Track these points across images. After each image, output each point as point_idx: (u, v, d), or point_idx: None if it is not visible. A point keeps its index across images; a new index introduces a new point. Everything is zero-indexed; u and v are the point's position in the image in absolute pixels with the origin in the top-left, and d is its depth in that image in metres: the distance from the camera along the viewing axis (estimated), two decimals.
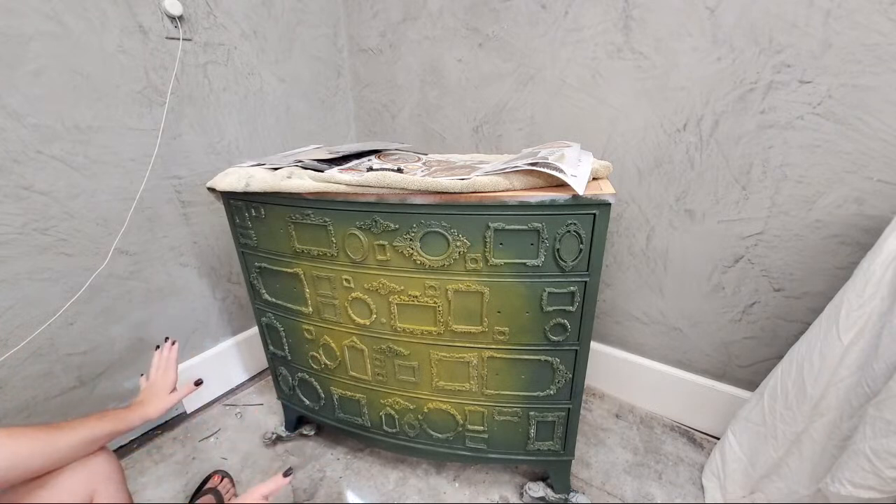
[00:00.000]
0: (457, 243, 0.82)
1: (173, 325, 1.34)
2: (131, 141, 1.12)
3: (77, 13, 0.98)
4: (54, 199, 1.02)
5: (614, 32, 1.09)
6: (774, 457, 0.95)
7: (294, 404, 1.23)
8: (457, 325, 0.90)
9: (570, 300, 0.83)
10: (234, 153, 1.36)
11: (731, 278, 1.13)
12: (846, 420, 0.82)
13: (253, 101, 1.38)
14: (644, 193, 1.19)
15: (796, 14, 0.88)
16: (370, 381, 1.04)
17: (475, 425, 1.02)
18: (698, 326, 1.23)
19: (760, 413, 0.99)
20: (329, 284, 0.95)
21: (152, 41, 1.11)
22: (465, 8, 1.30)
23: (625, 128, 1.16)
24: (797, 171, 0.97)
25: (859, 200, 0.93)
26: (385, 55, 1.54)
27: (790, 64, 0.91)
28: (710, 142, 1.05)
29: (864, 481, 0.72)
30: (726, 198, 1.07)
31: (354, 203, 0.84)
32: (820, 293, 1.02)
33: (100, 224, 1.11)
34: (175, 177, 1.23)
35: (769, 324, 1.12)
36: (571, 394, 0.94)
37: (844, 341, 0.81)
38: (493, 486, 1.14)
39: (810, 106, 0.92)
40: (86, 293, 1.10)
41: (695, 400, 1.29)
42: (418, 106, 1.54)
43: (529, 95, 1.28)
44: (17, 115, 0.94)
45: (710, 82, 1.01)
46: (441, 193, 0.77)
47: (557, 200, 0.75)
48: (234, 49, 1.29)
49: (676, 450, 1.24)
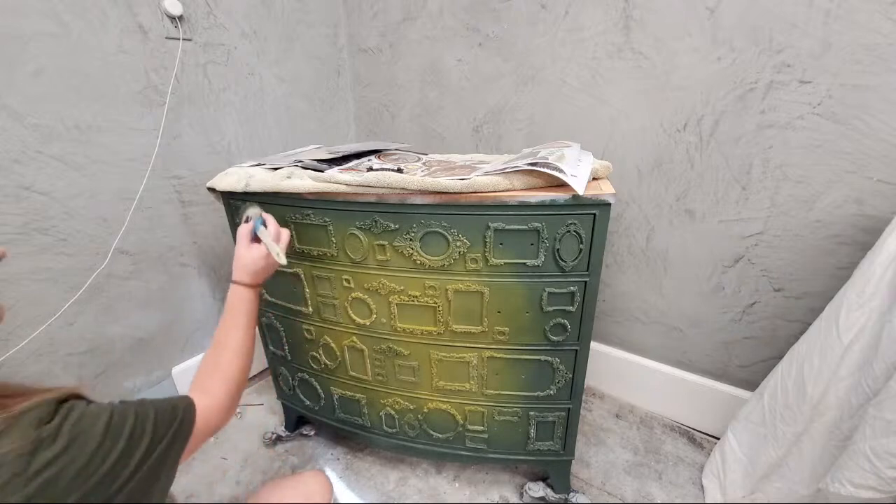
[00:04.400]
0: (457, 243, 0.82)
1: (173, 325, 1.34)
2: (131, 141, 1.12)
3: (77, 13, 0.98)
4: (54, 199, 1.02)
5: (614, 32, 1.09)
6: (774, 457, 0.95)
7: (294, 404, 1.23)
8: (457, 325, 0.90)
9: (570, 300, 0.83)
10: (234, 153, 1.36)
11: (732, 278, 1.13)
12: (846, 420, 0.82)
13: (253, 101, 1.38)
14: (644, 193, 1.19)
15: (796, 14, 0.88)
16: (370, 381, 1.04)
17: (475, 425, 1.02)
18: (698, 326, 1.23)
19: (760, 413, 0.99)
20: (329, 284, 0.95)
21: (152, 41, 1.11)
22: (465, 8, 1.30)
23: (625, 128, 1.16)
24: (797, 171, 0.97)
25: (859, 200, 0.93)
26: (385, 55, 1.54)
27: (790, 64, 0.91)
28: (710, 142, 1.05)
29: (864, 481, 0.72)
30: (726, 198, 1.07)
31: (354, 203, 0.84)
32: (820, 293, 1.02)
33: (100, 224, 1.11)
34: (175, 177, 1.23)
35: (769, 324, 1.12)
36: (571, 394, 0.94)
37: (844, 341, 0.81)
38: (493, 486, 1.14)
39: (810, 106, 0.92)
40: (86, 293, 1.10)
41: (695, 400, 1.29)
42: (418, 106, 1.54)
43: (529, 95, 1.28)
44: (18, 115, 0.94)
45: (710, 82, 1.01)
46: (441, 193, 0.77)
47: (557, 200, 0.75)
48: (233, 49, 1.29)
49: (676, 450, 1.24)
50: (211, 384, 0.64)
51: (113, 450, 0.43)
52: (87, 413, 0.43)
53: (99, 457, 0.41)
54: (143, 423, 0.47)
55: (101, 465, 0.41)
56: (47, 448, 0.38)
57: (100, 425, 0.43)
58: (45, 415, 0.40)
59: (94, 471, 0.41)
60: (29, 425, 0.38)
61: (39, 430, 0.39)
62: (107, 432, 0.43)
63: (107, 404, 0.46)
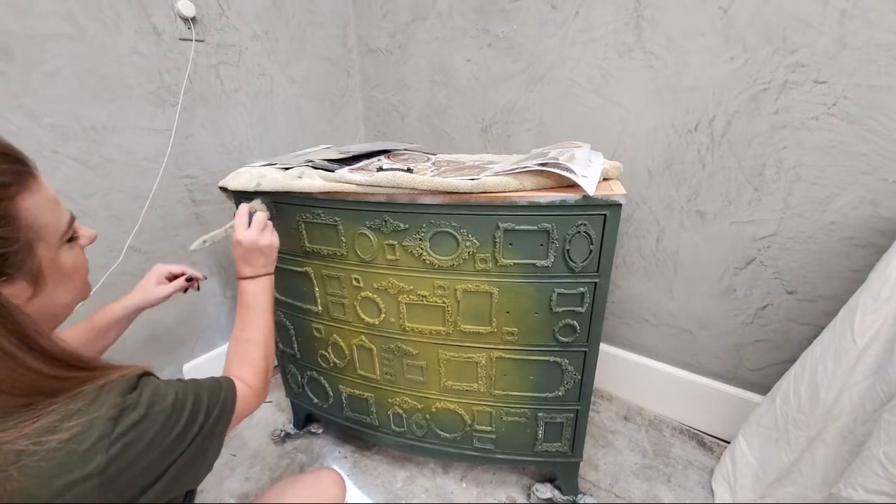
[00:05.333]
0: (466, 243, 0.82)
1: (185, 323, 1.35)
2: (145, 141, 1.14)
3: (92, 15, 1.00)
4: (69, 198, 1.04)
5: (625, 32, 1.08)
6: (786, 461, 0.93)
7: (303, 402, 1.24)
8: (465, 325, 0.90)
9: (579, 301, 0.83)
10: (246, 153, 1.38)
11: (743, 280, 1.12)
12: (860, 425, 0.81)
13: (264, 102, 1.39)
14: (655, 194, 1.18)
15: (811, 13, 0.87)
16: (378, 380, 1.05)
17: (483, 425, 1.02)
18: (709, 329, 1.22)
19: (772, 417, 0.98)
20: (338, 283, 0.96)
21: (166, 42, 1.12)
22: (475, 8, 1.30)
23: (635, 128, 1.15)
24: (811, 173, 0.96)
25: (875, 202, 0.91)
26: (394, 56, 1.55)
27: (804, 64, 0.90)
28: (722, 142, 1.04)
29: (877, 487, 0.71)
30: (738, 199, 1.06)
31: (364, 203, 0.84)
32: (834, 296, 1.00)
33: (114, 223, 1.12)
34: (187, 176, 1.25)
35: (781, 327, 1.11)
36: (580, 395, 0.93)
37: (859, 345, 0.80)
38: (500, 487, 1.14)
39: (825, 106, 0.91)
40: (99, 291, 1.11)
41: (704, 403, 1.28)
42: (427, 106, 1.54)
43: (539, 96, 1.28)
44: (34, 115, 0.95)
45: (723, 82, 1.00)
46: (451, 193, 0.78)
47: (567, 201, 0.74)
48: (245, 50, 1.30)
49: (685, 453, 1.23)
50: (240, 372, 0.68)
51: (178, 422, 0.47)
52: (159, 387, 0.47)
53: (168, 427, 0.46)
54: (199, 400, 0.51)
55: (168, 434, 0.45)
56: (129, 415, 0.42)
57: (169, 398, 0.47)
58: (128, 386, 0.44)
59: (162, 439, 0.45)
60: (117, 394, 0.42)
61: (124, 399, 0.43)
62: (174, 406, 0.47)
63: (172, 381, 0.50)
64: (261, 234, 0.78)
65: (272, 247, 0.81)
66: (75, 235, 0.49)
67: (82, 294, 0.52)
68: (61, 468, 0.37)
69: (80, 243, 0.51)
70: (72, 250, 0.49)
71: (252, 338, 0.73)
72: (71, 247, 0.48)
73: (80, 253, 0.51)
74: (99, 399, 0.41)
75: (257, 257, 0.79)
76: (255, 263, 0.79)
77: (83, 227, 0.52)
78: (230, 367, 0.70)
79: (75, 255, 0.49)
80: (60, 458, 0.37)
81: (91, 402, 0.41)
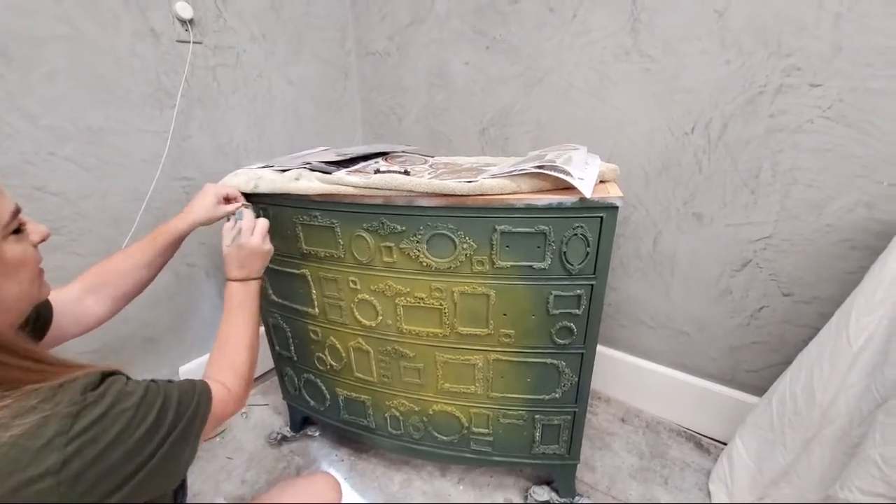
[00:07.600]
0: (463, 245, 0.82)
1: (181, 325, 1.35)
2: (142, 142, 1.13)
3: (90, 16, 0.99)
4: (66, 200, 1.03)
5: (622, 35, 1.09)
6: (783, 463, 0.94)
7: (299, 405, 1.24)
8: (462, 328, 0.90)
9: (576, 303, 0.83)
10: (243, 155, 1.38)
11: (740, 282, 1.12)
12: (856, 426, 0.81)
13: (261, 104, 1.39)
14: (651, 196, 1.18)
15: (806, 17, 0.88)
16: (375, 382, 1.04)
17: (480, 428, 1.02)
18: (705, 330, 1.22)
19: (769, 418, 0.98)
20: (335, 286, 0.96)
21: (163, 44, 1.12)
22: (473, 11, 1.31)
23: (632, 131, 1.15)
24: (807, 175, 0.96)
25: (870, 205, 0.92)
26: (392, 58, 1.55)
27: (800, 67, 0.91)
28: (719, 145, 1.04)
29: (873, 488, 0.71)
30: (735, 201, 1.06)
31: (362, 205, 0.84)
32: (829, 298, 1.01)
33: (110, 224, 1.12)
34: (184, 178, 1.25)
35: (777, 328, 1.11)
36: (577, 397, 0.93)
37: (854, 346, 0.80)
38: (497, 489, 1.14)
39: (820, 109, 0.91)
40: None
41: (701, 404, 1.28)
42: (425, 108, 1.54)
43: (536, 98, 1.28)
44: (31, 116, 0.95)
45: (719, 85, 1.00)
46: (448, 196, 0.78)
47: (564, 203, 0.75)
48: (243, 52, 1.30)
49: (683, 455, 1.23)
50: (221, 375, 0.67)
51: (143, 422, 0.45)
52: (126, 385, 0.46)
53: (133, 426, 0.44)
54: (168, 401, 0.49)
55: (132, 434, 0.44)
56: (90, 412, 0.41)
57: (135, 398, 0.45)
58: (91, 383, 0.43)
59: (126, 439, 0.43)
60: (76, 391, 0.41)
61: (85, 396, 0.41)
62: (140, 405, 0.45)
63: (143, 381, 0.49)
64: (263, 241, 0.81)
65: (270, 253, 0.83)
66: (21, 228, 0.48)
67: (32, 291, 0.50)
68: (13, 465, 0.36)
69: (32, 239, 0.50)
70: (18, 244, 0.47)
71: (237, 342, 0.73)
72: (18, 239, 0.47)
73: (29, 247, 0.49)
74: (57, 396, 0.40)
75: (254, 262, 0.80)
76: (251, 267, 0.80)
77: (34, 223, 0.51)
78: (212, 370, 0.68)
79: (22, 248, 0.47)
80: (12, 455, 0.36)
81: (48, 398, 0.39)
